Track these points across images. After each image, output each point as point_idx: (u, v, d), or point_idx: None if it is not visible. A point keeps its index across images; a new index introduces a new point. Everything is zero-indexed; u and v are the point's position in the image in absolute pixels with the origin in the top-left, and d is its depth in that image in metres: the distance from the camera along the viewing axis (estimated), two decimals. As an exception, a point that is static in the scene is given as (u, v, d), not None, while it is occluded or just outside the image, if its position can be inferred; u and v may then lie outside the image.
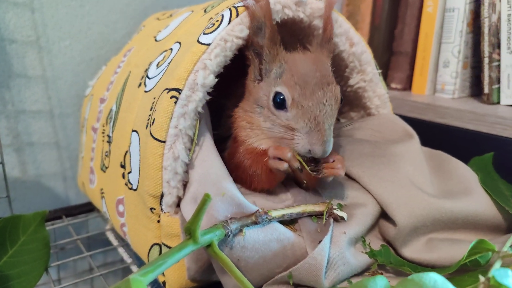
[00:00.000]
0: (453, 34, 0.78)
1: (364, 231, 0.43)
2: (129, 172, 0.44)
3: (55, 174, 0.71)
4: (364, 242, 0.42)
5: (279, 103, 0.39)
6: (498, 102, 0.72)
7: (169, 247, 0.41)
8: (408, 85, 0.88)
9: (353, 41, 0.49)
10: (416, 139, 0.51)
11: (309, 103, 0.38)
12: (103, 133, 0.53)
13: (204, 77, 0.39)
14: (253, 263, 0.37)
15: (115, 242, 0.57)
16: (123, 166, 0.46)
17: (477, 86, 0.79)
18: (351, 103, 0.57)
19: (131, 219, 0.45)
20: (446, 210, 0.43)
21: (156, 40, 0.53)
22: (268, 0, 0.41)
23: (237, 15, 0.41)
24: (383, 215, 0.45)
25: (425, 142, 0.77)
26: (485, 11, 0.71)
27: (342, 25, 0.48)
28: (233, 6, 0.41)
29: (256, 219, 0.37)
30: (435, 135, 0.76)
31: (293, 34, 0.50)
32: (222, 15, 0.41)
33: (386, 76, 0.91)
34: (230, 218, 0.37)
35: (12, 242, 0.50)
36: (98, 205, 0.56)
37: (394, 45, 0.89)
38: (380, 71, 0.53)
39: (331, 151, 0.40)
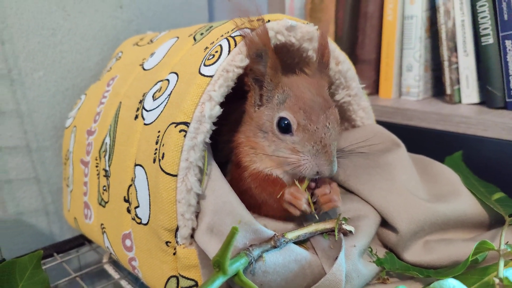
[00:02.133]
0: (413, 40, 0.84)
1: (370, 241, 0.45)
2: (136, 207, 0.44)
3: (36, 210, 0.68)
4: (371, 251, 0.45)
5: (284, 127, 0.41)
6: (460, 102, 0.78)
7: (187, 278, 0.41)
8: (375, 90, 0.92)
9: (339, 60, 0.51)
10: (403, 147, 0.54)
11: (314, 127, 0.40)
12: (96, 166, 0.52)
13: (211, 109, 0.40)
14: (276, 286, 0.38)
15: (116, 275, 0.56)
16: (127, 201, 0.46)
17: (438, 87, 0.85)
18: (335, 116, 0.60)
19: (142, 253, 0.45)
20: (440, 214, 0.47)
21: (144, 69, 0.53)
22: (266, 27, 0.42)
23: (235, 45, 0.42)
24: (382, 223, 0.48)
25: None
26: (441, 18, 0.77)
27: (329, 46, 0.50)
28: (230, 36, 0.42)
29: (275, 243, 0.39)
30: (405, 137, 0.80)
31: (280, 57, 0.52)
32: (221, 46, 0.42)
33: (352, 83, 0.95)
34: (251, 245, 0.38)
35: (11, 291, 0.48)
36: (98, 241, 0.54)
37: (357, 54, 0.94)
38: (363, 85, 0.56)
39: (326, 181, 0.43)
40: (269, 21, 0.44)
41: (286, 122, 0.41)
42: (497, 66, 0.71)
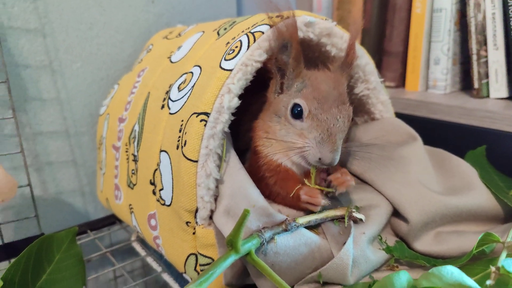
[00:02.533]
0: (441, 33, 0.83)
1: (380, 230, 0.47)
2: (161, 189, 0.47)
3: (73, 190, 0.74)
4: (381, 239, 0.47)
5: (297, 113, 0.43)
6: (488, 96, 0.77)
7: (205, 256, 0.45)
8: (401, 83, 0.92)
9: (358, 54, 0.53)
10: (419, 141, 0.55)
11: (324, 117, 0.42)
12: (126, 151, 0.57)
13: (230, 100, 0.43)
14: (286, 266, 0.41)
15: (142, 252, 0.61)
16: (153, 184, 0.50)
17: (466, 81, 0.84)
18: (355, 109, 0.61)
19: (165, 232, 0.49)
20: (452, 206, 0.48)
21: (171, 62, 0.56)
22: (295, 20, 0.43)
23: (254, 40, 0.44)
24: (395, 213, 0.50)
25: (421, 138, 0.81)
26: (470, 11, 0.76)
27: (348, 40, 0.52)
28: (250, 32, 0.45)
29: (286, 227, 0.41)
30: (430, 130, 0.80)
31: (303, 48, 0.54)
32: (241, 41, 0.45)
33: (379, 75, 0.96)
34: (263, 228, 0.41)
35: (49, 261, 0.53)
36: (126, 220, 0.59)
37: (385, 46, 0.94)
38: (382, 79, 0.58)
39: (339, 168, 0.45)
40: (288, 17, 0.46)
41: (299, 109, 0.43)
42: (528, 60, 0.70)
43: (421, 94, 0.85)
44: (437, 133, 0.79)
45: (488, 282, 0.31)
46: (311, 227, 0.45)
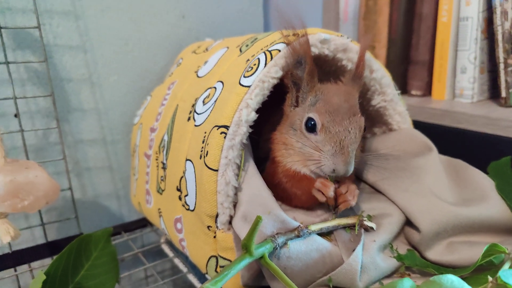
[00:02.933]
0: (468, 41, 0.83)
1: (392, 238, 0.49)
2: (186, 195, 0.52)
3: (109, 194, 0.80)
4: (392, 247, 0.49)
5: (310, 127, 0.46)
6: (516, 105, 0.76)
7: (225, 258, 0.48)
8: (428, 91, 0.93)
9: (373, 68, 0.55)
10: (435, 151, 0.57)
11: (336, 129, 0.44)
12: (156, 159, 0.61)
13: (247, 114, 0.46)
14: (298, 270, 0.44)
15: (170, 253, 0.65)
16: (179, 190, 0.54)
17: (495, 89, 0.83)
18: (373, 120, 0.63)
19: (189, 235, 0.53)
20: (464, 217, 0.49)
21: (198, 76, 0.60)
22: (308, 38, 0.46)
23: (271, 58, 0.48)
24: (408, 222, 0.51)
25: (445, 147, 0.82)
26: (497, 19, 0.76)
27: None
28: (268, 50, 0.48)
29: (299, 233, 0.44)
30: (454, 140, 0.81)
31: (318, 65, 0.57)
32: (259, 59, 0.48)
33: (405, 84, 0.96)
34: (277, 233, 0.44)
35: (87, 258, 0.58)
36: (156, 223, 0.64)
37: (411, 55, 0.94)
38: (399, 91, 0.59)
39: (346, 182, 0.48)
40: (302, 35, 0.49)
41: (312, 123, 0.46)
42: (555, 69, 0.69)
43: (447, 103, 0.85)
44: (462, 143, 0.80)
45: (483, 291, 0.33)
46: (323, 234, 0.47)
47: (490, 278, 0.34)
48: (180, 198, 0.54)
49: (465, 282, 0.35)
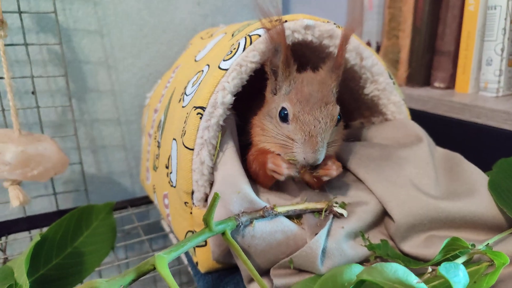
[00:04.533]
0: (495, 32, 0.79)
1: (364, 227, 0.48)
2: (171, 173, 0.54)
3: (123, 171, 0.85)
4: (363, 236, 0.48)
5: (283, 116, 0.46)
6: (545, 100, 0.72)
7: (199, 234, 0.50)
8: (451, 84, 0.89)
9: (363, 56, 0.54)
10: (424, 142, 0.55)
11: (306, 119, 0.45)
12: (155, 138, 0.65)
13: (223, 97, 0.48)
14: (261, 249, 0.45)
15: (167, 229, 0.69)
16: (167, 167, 0.57)
17: (525, 83, 0.79)
18: (370, 108, 0.62)
19: (173, 210, 0.56)
20: (443, 210, 0.48)
21: (195, 60, 0.63)
22: (283, 27, 0.47)
23: (251, 43, 0.49)
24: (387, 213, 0.51)
25: (461, 142, 0.78)
26: (526, 8, 0.71)
27: (352, 42, 0.53)
28: (248, 35, 0.49)
29: (263, 213, 0.45)
30: (472, 135, 0.77)
31: (312, 50, 0.57)
32: (239, 43, 0.49)
33: (429, 75, 0.93)
34: (242, 212, 0.45)
35: (87, 226, 0.63)
36: (152, 198, 0.67)
37: (436, 45, 0.91)
38: (393, 80, 0.58)
39: (331, 158, 0.47)
40: (286, 21, 0.50)
41: (285, 112, 0.46)
42: None
43: (470, 96, 0.81)
44: (479, 138, 0.76)
45: (415, 281, 0.32)
46: (294, 217, 0.48)
47: (429, 269, 0.33)
48: (167, 175, 0.56)
49: (411, 272, 0.35)
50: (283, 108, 0.47)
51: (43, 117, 0.74)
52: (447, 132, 0.82)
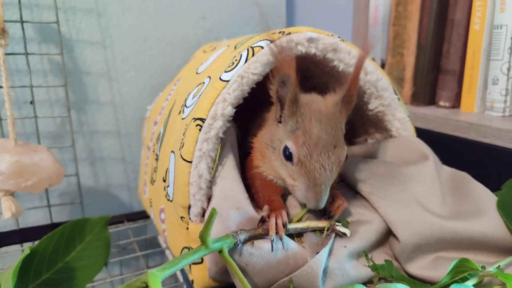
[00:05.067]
0: (501, 51, 0.78)
1: (367, 247, 0.46)
2: (168, 186, 0.53)
3: (121, 184, 0.83)
4: (367, 256, 0.46)
5: (287, 155, 0.44)
6: (552, 121, 0.70)
7: (195, 251, 0.48)
8: (457, 103, 0.88)
9: (367, 70, 0.53)
10: (430, 160, 0.53)
11: (312, 166, 0.42)
12: (153, 151, 0.63)
13: (223, 108, 0.46)
14: (259, 268, 0.43)
15: (164, 245, 0.67)
16: (164, 181, 0.55)
17: (532, 103, 0.77)
18: (375, 125, 0.61)
19: (169, 226, 0.54)
20: (450, 230, 0.46)
21: (197, 73, 0.62)
22: (293, 57, 0.43)
23: (253, 55, 0.48)
24: (392, 232, 0.49)
25: (467, 161, 0.77)
26: (531, 28, 0.70)
27: (356, 56, 0.52)
28: (250, 47, 0.48)
29: (263, 232, 0.43)
30: (478, 154, 0.75)
31: (316, 64, 0.56)
32: (241, 55, 0.48)
33: (434, 95, 0.92)
34: (241, 230, 0.43)
35: (80, 240, 0.61)
36: (148, 213, 0.65)
37: (441, 64, 0.90)
38: (398, 96, 0.56)
39: (336, 195, 0.48)
40: (290, 33, 0.49)
41: (288, 153, 0.44)
42: None
43: (476, 115, 0.80)
44: (487, 158, 0.74)
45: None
46: (293, 235, 0.46)
47: (437, 292, 0.31)
48: (164, 189, 0.55)
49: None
50: (287, 148, 0.44)
51: (41, 128, 0.73)
52: (453, 151, 0.80)
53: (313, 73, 0.59)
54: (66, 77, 0.71)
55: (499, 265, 0.40)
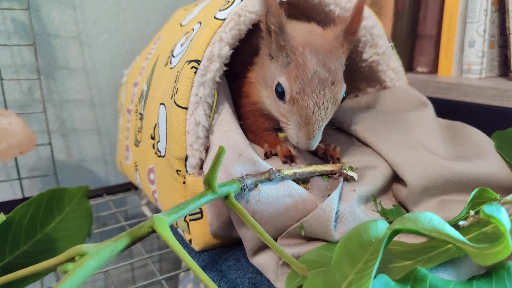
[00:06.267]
0: (477, 13, 0.79)
1: (375, 191, 0.45)
2: (158, 141, 0.49)
3: (96, 158, 0.78)
4: (375, 200, 0.45)
5: (280, 93, 0.41)
6: (527, 79, 0.71)
7: (194, 206, 0.45)
8: (434, 68, 0.88)
9: (364, 15, 0.51)
10: (430, 107, 0.52)
11: (305, 103, 0.39)
12: (136, 112, 0.59)
13: (220, 49, 0.43)
14: (268, 215, 0.40)
15: (149, 214, 0.62)
16: (153, 138, 0.51)
17: (506, 65, 0.79)
18: (367, 78, 0.59)
19: (160, 184, 0.50)
20: (457, 171, 0.45)
21: (181, 25, 0.58)
22: None
23: (250, -8, 0.44)
24: (396, 178, 0.47)
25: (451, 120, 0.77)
26: (509, -13, 0.71)
27: (351, 0, 0.50)
28: (246, -15, 0.45)
29: (269, 176, 0.41)
30: (460, 114, 0.76)
31: (305, 14, 0.53)
32: (236, -7, 0.45)
33: (411, 61, 0.92)
34: (246, 175, 0.40)
35: (59, 211, 0.56)
36: (133, 179, 0.61)
37: (418, 29, 0.90)
38: (392, 44, 0.55)
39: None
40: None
41: (280, 89, 0.40)
42: None
43: (453, 79, 0.80)
44: (469, 116, 0.75)
45: (462, 223, 0.29)
46: (301, 182, 0.44)
47: (471, 212, 0.30)
48: (153, 146, 0.51)
49: (446, 222, 0.31)
50: (279, 85, 0.41)
51: (7, 95, 0.66)
52: (436, 112, 0.81)
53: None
54: (34, 36, 0.65)
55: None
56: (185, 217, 0.46)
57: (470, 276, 0.32)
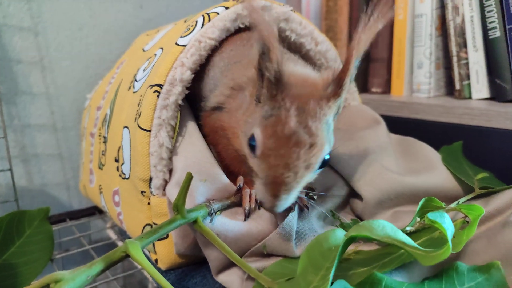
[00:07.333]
0: (423, 37, 0.85)
1: (333, 207, 0.47)
2: (122, 164, 0.49)
3: (59, 183, 0.77)
4: (334, 215, 0.47)
5: (252, 146, 0.37)
6: (470, 97, 0.77)
7: (158, 226, 0.46)
8: (387, 88, 0.94)
9: (318, 41, 0.55)
10: (382, 124, 0.56)
11: (275, 162, 0.35)
12: (99, 135, 0.59)
13: (182, 73, 0.45)
14: (232, 236, 0.41)
15: (114, 237, 0.62)
16: (117, 161, 0.52)
17: (451, 85, 0.85)
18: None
19: (125, 206, 0.50)
20: (408, 184, 0.48)
21: (143, 51, 0.59)
22: (272, 26, 0.36)
23: (209, 20, 0.47)
24: (353, 193, 0.50)
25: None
26: (449, 14, 0.78)
27: (306, 26, 0.54)
28: (206, 13, 0.48)
29: (236, 199, 0.42)
30: (411, 130, 0.81)
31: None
32: (196, 21, 0.48)
33: (366, 82, 0.97)
34: (213, 200, 0.42)
35: (19, 235, 0.55)
36: (97, 202, 0.61)
37: (371, 53, 0.96)
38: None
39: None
40: (244, 1, 0.49)
41: (253, 144, 0.37)
42: (505, 59, 0.71)
43: (405, 98, 0.86)
44: (420, 132, 0.80)
45: (408, 228, 0.31)
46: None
47: (417, 219, 0.33)
48: (117, 169, 0.51)
49: (398, 229, 0.34)
50: (253, 137, 0.37)
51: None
52: (389, 128, 0.86)
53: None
54: (-6, 61, 0.64)
55: (459, 202, 0.42)
56: (150, 237, 0.47)
57: (422, 278, 0.35)
